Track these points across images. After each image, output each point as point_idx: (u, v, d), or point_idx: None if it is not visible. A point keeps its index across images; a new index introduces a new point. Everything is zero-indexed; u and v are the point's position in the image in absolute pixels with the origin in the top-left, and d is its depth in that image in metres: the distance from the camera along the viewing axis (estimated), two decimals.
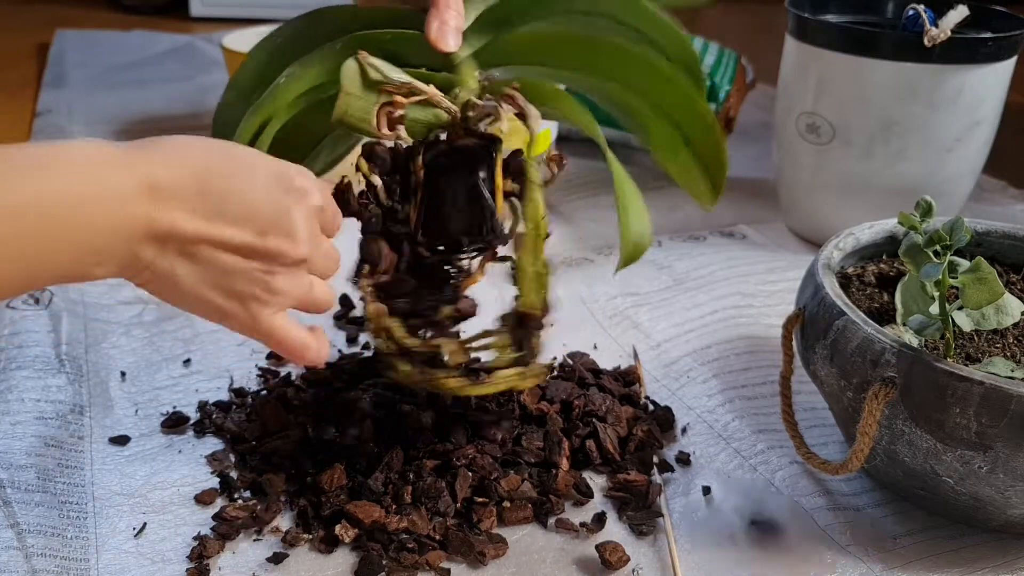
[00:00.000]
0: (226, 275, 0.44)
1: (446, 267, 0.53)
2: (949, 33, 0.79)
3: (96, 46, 1.58)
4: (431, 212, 0.51)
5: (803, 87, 0.89)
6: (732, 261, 0.90)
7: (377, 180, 0.51)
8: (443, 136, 0.52)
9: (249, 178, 0.44)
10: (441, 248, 0.52)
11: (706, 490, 0.59)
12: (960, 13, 0.82)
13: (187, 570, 0.51)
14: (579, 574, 0.52)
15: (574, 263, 0.89)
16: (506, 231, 0.53)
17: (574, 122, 0.55)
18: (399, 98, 0.50)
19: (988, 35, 0.82)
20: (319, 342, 0.50)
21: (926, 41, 0.80)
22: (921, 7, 0.82)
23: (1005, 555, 0.55)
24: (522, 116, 0.51)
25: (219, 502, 0.56)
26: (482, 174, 0.51)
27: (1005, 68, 0.84)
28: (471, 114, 0.51)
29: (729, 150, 1.24)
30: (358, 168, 0.51)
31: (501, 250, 0.54)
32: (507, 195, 0.53)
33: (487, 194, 0.51)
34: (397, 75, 0.50)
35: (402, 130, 0.50)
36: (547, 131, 0.95)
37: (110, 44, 1.60)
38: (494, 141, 0.51)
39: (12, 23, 1.76)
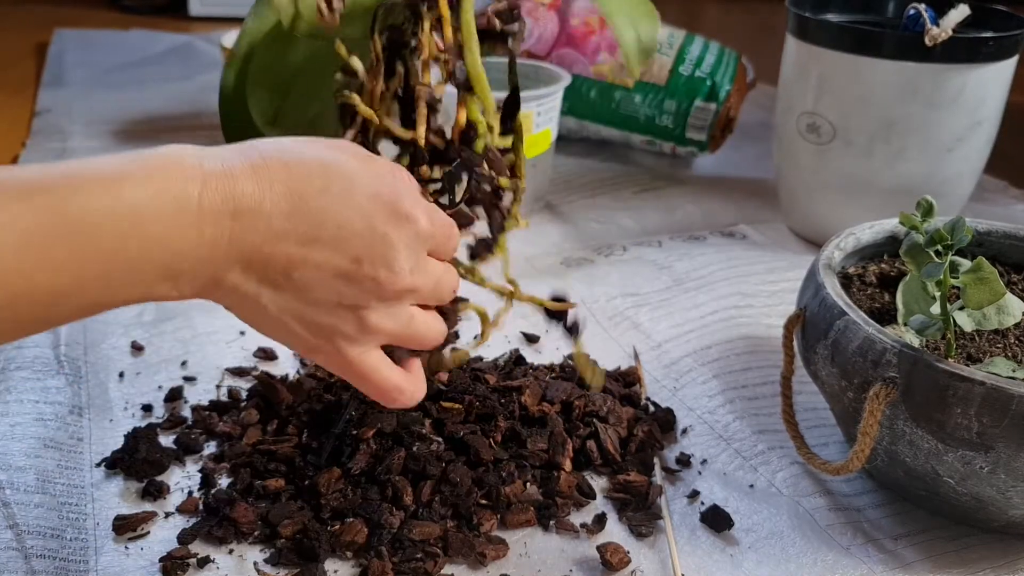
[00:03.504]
0: (314, 306, 0.40)
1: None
2: (950, 32, 0.79)
3: (95, 46, 1.58)
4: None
5: (804, 87, 0.88)
6: (732, 261, 0.90)
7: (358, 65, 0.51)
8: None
9: (347, 197, 0.40)
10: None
11: (702, 493, 0.58)
12: (961, 12, 0.81)
13: (187, 571, 0.50)
14: (579, 575, 0.52)
15: (574, 263, 0.89)
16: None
17: None
18: None
19: (989, 35, 0.82)
20: (412, 383, 0.46)
21: (927, 41, 0.79)
22: (922, 6, 0.82)
23: (1006, 555, 0.55)
24: None
25: (218, 503, 0.55)
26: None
27: (1006, 68, 0.84)
28: None
29: (729, 150, 1.25)
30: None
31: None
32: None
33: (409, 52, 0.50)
34: None
35: (338, 9, 0.49)
36: (547, 131, 0.95)
37: (109, 44, 1.60)
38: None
39: (11, 23, 1.76)
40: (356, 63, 0.50)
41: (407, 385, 0.46)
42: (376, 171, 0.42)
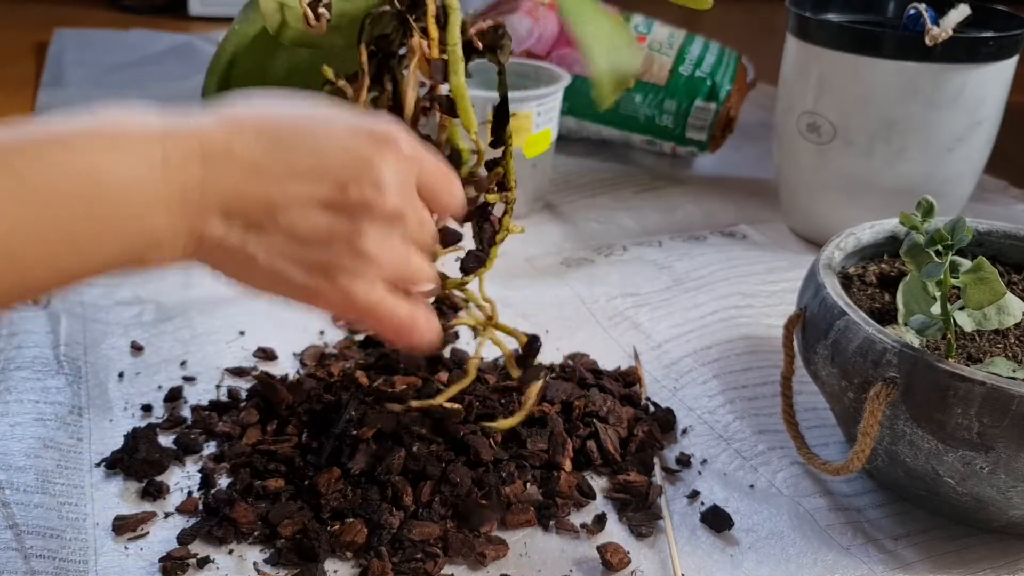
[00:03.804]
0: (305, 244, 0.38)
1: None
2: (950, 32, 0.79)
3: (95, 45, 1.58)
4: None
5: (804, 86, 0.88)
6: (732, 261, 0.90)
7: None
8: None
9: (322, 128, 0.38)
10: None
11: (702, 493, 0.58)
12: (961, 12, 0.81)
13: (187, 572, 0.50)
14: (579, 575, 0.52)
15: (574, 263, 0.89)
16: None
17: None
18: None
19: (989, 34, 0.82)
20: (425, 316, 0.43)
21: (927, 40, 0.79)
22: (922, 6, 0.82)
23: (1006, 556, 0.55)
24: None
25: (218, 503, 0.55)
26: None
27: (1006, 67, 0.84)
28: None
29: (729, 150, 1.24)
30: None
31: None
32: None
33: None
34: None
35: (324, 16, 0.50)
36: (547, 131, 0.94)
37: (109, 43, 1.60)
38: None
39: (10, 22, 1.76)
40: (343, 84, 0.51)
41: (421, 318, 0.43)
42: (350, 112, 0.41)
